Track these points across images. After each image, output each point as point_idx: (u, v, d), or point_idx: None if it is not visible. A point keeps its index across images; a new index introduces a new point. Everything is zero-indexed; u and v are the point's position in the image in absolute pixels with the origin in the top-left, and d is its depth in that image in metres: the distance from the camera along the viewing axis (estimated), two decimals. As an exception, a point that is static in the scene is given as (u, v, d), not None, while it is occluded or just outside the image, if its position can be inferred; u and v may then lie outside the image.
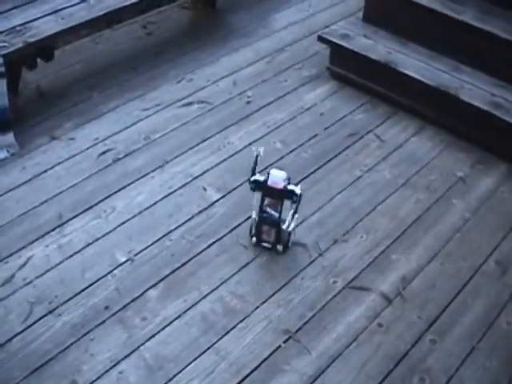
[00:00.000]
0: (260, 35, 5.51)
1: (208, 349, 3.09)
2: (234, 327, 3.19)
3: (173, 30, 5.55)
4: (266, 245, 3.64)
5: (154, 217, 3.75)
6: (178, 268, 3.46)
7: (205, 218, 3.76)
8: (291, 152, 4.25)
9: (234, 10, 5.87)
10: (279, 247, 3.62)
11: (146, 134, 4.33)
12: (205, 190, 3.94)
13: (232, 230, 3.70)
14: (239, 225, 3.73)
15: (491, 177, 4.21)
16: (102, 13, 4.59)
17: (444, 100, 4.42)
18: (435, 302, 3.41)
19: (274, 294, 3.36)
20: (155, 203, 3.83)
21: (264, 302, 3.32)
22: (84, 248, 3.54)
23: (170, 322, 3.20)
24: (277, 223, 3.52)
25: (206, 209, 3.82)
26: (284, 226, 3.51)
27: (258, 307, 3.29)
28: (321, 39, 4.98)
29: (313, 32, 5.37)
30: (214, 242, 3.62)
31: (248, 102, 4.69)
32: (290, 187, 3.45)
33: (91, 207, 3.79)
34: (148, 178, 4.00)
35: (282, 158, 4.20)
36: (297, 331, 3.20)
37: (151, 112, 4.53)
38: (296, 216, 3.51)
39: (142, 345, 3.09)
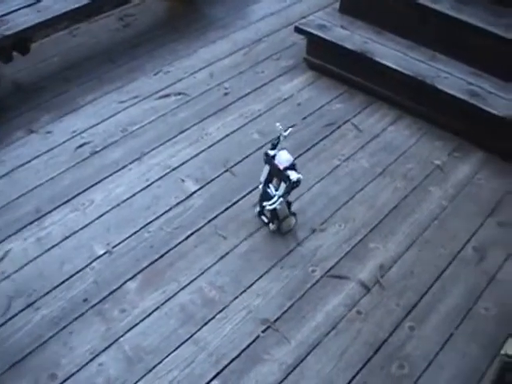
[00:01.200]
0: (237, 26, 5.51)
1: (187, 340, 3.10)
2: (213, 318, 3.21)
3: (150, 22, 5.53)
4: (263, 218, 3.73)
5: (132, 209, 3.75)
6: (157, 260, 3.47)
7: (183, 209, 3.76)
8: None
9: (212, 2, 5.86)
10: (271, 226, 3.69)
11: (124, 126, 4.32)
12: (183, 181, 3.94)
13: (210, 220, 3.70)
14: (217, 215, 3.73)
15: (468, 164, 4.24)
16: (78, 5, 4.57)
17: (421, 89, 4.44)
18: (413, 289, 3.43)
19: (252, 284, 3.37)
20: (133, 195, 3.83)
21: (243, 292, 3.33)
22: (62, 241, 3.54)
23: (149, 314, 3.20)
24: (272, 203, 3.56)
25: (184, 200, 3.82)
26: (267, 203, 3.56)
27: (236, 297, 3.30)
28: (298, 30, 4.98)
29: (290, 23, 5.38)
30: (192, 233, 3.62)
31: (225, 94, 4.69)
32: (288, 172, 3.46)
33: (69, 200, 3.78)
34: (126, 171, 3.99)
35: (260, 148, 4.19)
36: (276, 320, 3.21)
37: (129, 104, 4.52)
38: (281, 200, 3.51)
39: (121, 337, 3.10)
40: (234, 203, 3.82)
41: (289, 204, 3.67)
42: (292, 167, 3.50)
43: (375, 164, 4.16)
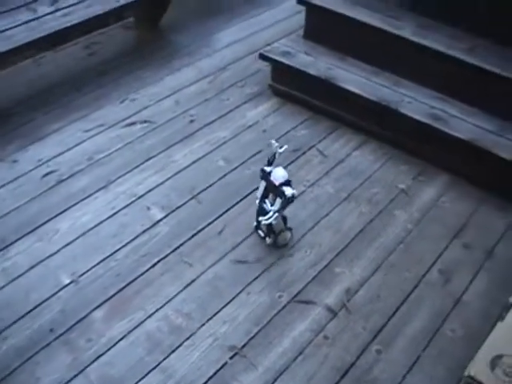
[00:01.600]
0: (203, 54, 5.54)
1: (154, 368, 3.09)
2: (180, 345, 3.20)
3: (116, 50, 5.55)
4: (260, 233, 3.82)
5: (98, 237, 3.74)
6: (123, 288, 3.46)
7: (149, 237, 3.76)
8: (234, 169, 4.27)
9: (177, 30, 5.89)
10: (268, 240, 3.77)
11: (90, 154, 4.31)
12: (149, 209, 3.94)
13: (176, 248, 3.70)
14: (183, 243, 3.73)
15: (433, 187, 4.28)
16: (44, 34, 4.58)
17: (385, 114, 4.48)
18: (380, 312, 3.45)
19: (219, 311, 3.37)
20: (99, 224, 3.82)
21: (210, 319, 3.32)
22: (28, 271, 3.51)
23: (116, 343, 3.19)
24: (268, 218, 3.65)
25: (150, 228, 3.82)
26: (263, 218, 3.65)
27: (203, 324, 3.30)
28: (262, 57, 5.02)
29: (255, 50, 5.41)
30: (158, 261, 3.61)
31: (191, 121, 4.70)
32: (283, 188, 3.55)
33: (35, 229, 3.76)
34: (92, 199, 3.98)
35: (226, 175, 4.22)
36: (243, 347, 3.21)
37: (95, 132, 4.52)
38: (276, 215, 3.60)
39: (87, 366, 3.07)
40: (200, 230, 3.82)
41: (284, 219, 3.75)
42: (287, 183, 3.58)
43: (340, 189, 4.19)
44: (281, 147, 3.62)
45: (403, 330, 3.37)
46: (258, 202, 3.75)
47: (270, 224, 3.67)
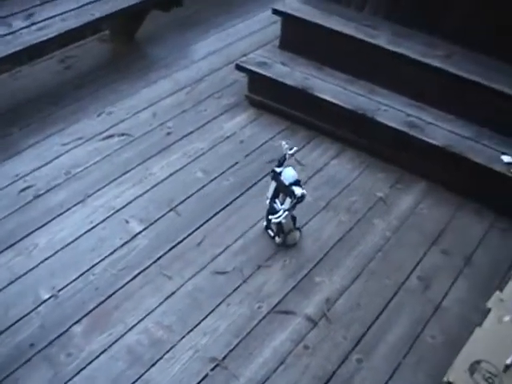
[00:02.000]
0: (179, 66, 5.54)
1: (136, 381, 3.08)
2: (160, 358, 3.19)
3: (92, 63, 5.53)
4: (269, 232, 3.90)
5: (76, 252, 3.72)
6: (103, 302, 3.44)
7: (128, 250, 3.74)
8: (212, 180, 4.27)
9: (154, 42, 5.89)
10: (277, 239, 3.85)
11: (67, 168, 4.29)
12: (127, 222, 3.93)
13: (155, 261, 3.69)
14: (162, 255, 3.72)
15: (410, 195, 4.31)
16: (20, 48, 4.56)
17: (362, 122, 4.50)
18: (360, 321, 3.46)
19: (199, 323, 3.37)
20: (78, 238, 3.80)
21: (190, 331, 3.32)
22: (7, 286, 3.48)
23: (96, 357, 3.17)
24: (278, 217, 3.74)
25: (128, 241, 3.80)
26: (273, 217, 3.75)
27: (184, 337, 3.29)
28: (239, 68, 5.03)
29: (231, 61, 5.42)
30: (138, 274, 3.60)
31: (168, 133, 4.69)
32: (293, 187, 3.63)
33: (13, 244, 3.73)
34: (70, 213, 3.96)
35: (204, 186, 4.22)
36: (224, 358, 3.21)
37: (72, 146, 4.50)
38: (286, 213, 3.69)
39: (68, 381, 3.06)
40: (179, 242, 3.81)
41: (294, 219, 3.83)
42: (297, 183, 3.66)
43: (319, 198, 4.20)
44: (291, 149, 3.68)
45: (384, 337, 3.38)
46: (268, 201, 3.85)
47: (280, 223, 3.74)
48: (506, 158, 4.13)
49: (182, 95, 5.15)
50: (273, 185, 3.81)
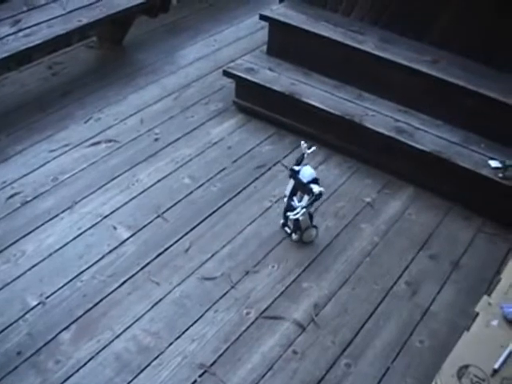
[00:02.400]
0: (166, 72, 5.54)
1: (123, 388, 3.08)
2: (148, 365, 3.18)
3: (79, 69, 5.52)
4: (287, 229, 4.00)
5: (64, 258, 3.71)
6: (91, 309, 3.43)
7: (116, 256, 3.74)
8: (200, 186, 4.27)
9: (141, 48, 5.88)
10: (294, 236, 3.94)
11: (54, 175, 4.28)
12: (115, 228, 3.92)
13: (143, 267, 3.68)
14: (150, 262, 3.72)
15: (398, 200, 4.31)
16: (6, 54, 4.54)
17: (349, 128, 4.51)
18: (348, 326, 3.46)
19: (187, 329, 3.36)
20: (65, 245, 3.79)
21: (178, 338, 3.31)
22: (-6, 294, 3.49)
23: (84, 364, 3.16)
24: (296, 214, 3.83)
25: (116, 248, 3.79)
26: (291, 213, 3.83)
27: (172, 343, 3.28)
28: (226, 74, 5.03)
29: (218, 67, 5.44)
30: (125, 281, 3.59)
31: (156, 139, 4.69)
32: (311, 185, 3.75)
33: (0, 252, 3.72)
34: (57, 220, 3.95)
35: (191, 193, 4.22)
36: (212, 365, 3.20)
37: (59, 153, 4.48)
38: (304, 211, 3.77)
39: (56, 388, 3.05)
40: (167, 249, 3.81)
41: (311, 216, 3.92)
42: (315, 181, 3.78)
43: (306, 204, 4.20)
44: (309, 148, 3.81)
45: (372, 342, 3.38)
46: (286, 199, 3.93)
47: (297, 220, 3.81)
48: (493, 163, 4.14)
49: (169, 101, 5.15)
50: (291, 183, 3.89)
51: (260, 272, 3.72)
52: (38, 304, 3.44)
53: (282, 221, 4.01)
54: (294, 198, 3.89)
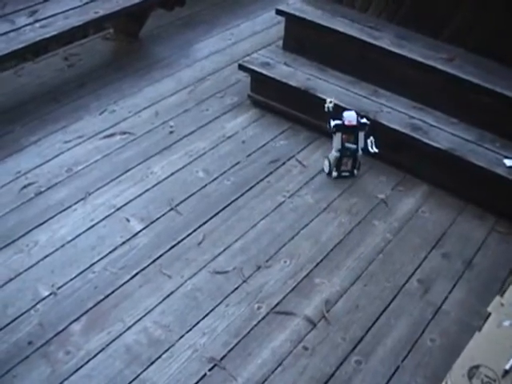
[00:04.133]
0: (182, 65, 5.53)
1: (133, 380, 3.07)
2: (158, 357, 3.18)
3: (95, 61, 5.53)
4: (344, 174, 4.42)
5: (76, 250, 3.72)
6: (102, 300, 3.43)
7: (128, 248, 3.74)
8: (214, 180, 4.27)
9: (157, 41, 5.88)
10: (355, 171, 4.43)
11: (69, 166, 4.29)
12: (128, 220, 3.92)
13: (155, 260, 3.68)
14: (162, 255, 3.72)
15: (412, 198, 4.30)
16: (23, 45, 4.56)
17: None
18: (359, 323, 3.45)
19: (198, 323, 3.36)
20: (78, 236, 3.80)
21: (188, 331, 3.31)
22: (6, 284, 3.48)
23: (94, 356, 3.16)
24: (355, 153, 4.35)
25: (129, 240, 3.80)
26: (360, 152, 4.34)
27: (182, 336, 3.28)
28: (241, 68, 5.03)
29: (234, 61, 5.43)
30: (137, 273, 3.60)
31: (170, 132, 4.69)
32: (362, 120, 4.29)
33: (13, 242, 3.73)
34: (70, 211, 3.96)
35: (205, 186, 4.22)
36: (222, 359, 3.20)
37: (73, 144, 4.49)
38: (371, 138, 4.26)
39: (65, 379, 3.04)
40: (179, 242, 3.81)
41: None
42: (360, 116, 4.32)
43: (320, 199, 4.20)
44: (330, 102, 4.28)
45: (383, 340, 3.37)
46: (335, 152, 4.36)
47: (356, 158, 4.39)
48: (508, 162, 4.12)
49: (184, 94, 5.14)
50: (338, 136, 4.32)
51: (272, 267, 3.71)
52: (50, 294, 3.45)
53: (334, 174, 4.39)
54: (347, 145, 4.32)
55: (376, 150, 4.24)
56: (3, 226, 3.83)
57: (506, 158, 4.16)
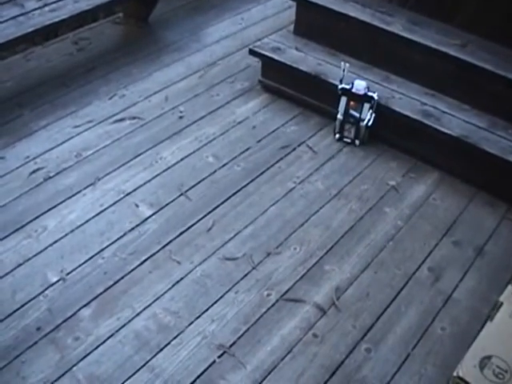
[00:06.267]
0: (192, 49, 5.50)
1: (142, 367, 3.07)
2: (168, 344, 3.18)
3: (105, 45, 5.51)
4: (346, 140, 4.56)
5: (85, 235, 3.71)
6: (111, 286, 3.43)
7: (137, 234, 3.73)
8: (224, 166, 4.25)
9: (167, 25, 5.85)
10: (357, 141, 4.53)
11: (78, 151, 4.28)
12: (137, 206, 3.91)
13: (165, 245, 3.67)
14: (172, 240, 3.71)
15: (423, 185, 4.27)
16: (32, 29, 4.54)
17: (375, 110, 4.46)
18: (369, 310, 3.43)
19: (207, 309, 3.35)
20: (87, 221, 3.79)
21: (198, 318, 3.31)
22: (15, 269, 3.48)
23: (103, 341, 3.16)
24: (357, 121, 4.47)
25: (138, 225, 3.79)
26: (363, 123, 4.44)
27: (192, 323, 3.28)
28: (252, 53, 4.99)
29: (245, 45, 5.39)
30: (146, 259, 3.59)
31: (180, 117, 4.67)
32: (369, 93, 4.41)
33: (22, 227, 3.72)
34: (80, 196, 3.95)
35: (215, 172, 4.20)
36: (231, 345, 3.19)
37: (83, 129, 4.48)
38: (373, 115, 4.42)
39: (74, 365, 3.05)
40: (189, 228, 3.80)
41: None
42: (368, 89, 4.44)
43: (330, 186, 4.18)
44: (345, 63, 4.46)
45: (393, 328, 3.36)
46: (340, 116, 4.51)
47: (359, 127, 4.47)
48: (520, 149, 4.10)
49: (194, 79, 5.12)
50: (343, 100, 4.47)
51: (282, 253, 3.70)
52: (59, 280, 3.44)
53: (337, 136, 4.55)
54: (351, 111, 4.45)
55: (368, 124, 4.45)
56: (12, 212, 3.83)
57: (519, 145, 4.14)
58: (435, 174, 4.36)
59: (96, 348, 3.13)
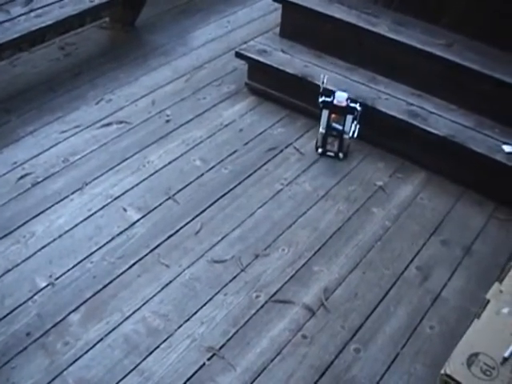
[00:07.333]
0: (178, 53, 5.51)
1: (132, 370, 3.07)
2: (157, 347, 3.17)
3: (91, 50, 5.51)
4: (329, 153, 4.45)
5: (74, 240, 3.71)
6: (100, 290, 3.43)
7: (125, 238, 3.73)
8: (211, 169, 4.25)
9: (153, 29, 5.85)
10: (341, 155, 4.43)
11: (65, 156, 4.27)
12: (125, 210, 3.91)
13: (153, 249, 3.67)
14: (160, 244, 3.71)
15: (410, 185, 4.28)
16: (18, 35, 4.54)
17: (362, 111, 4.47)
18: (358, 311, 3.44)
19: (196, 312, 3.35)
20: (75, 226, 3.79)
21: (187, 321, 3.31)
22: (3, 275, 3.47)
23: (93, 346, 3.16)
24: (340, 134, 4.37)
25: (126, 229, 3.79)
26: (347, 136, 4.36)
27: (181, 326, 3.28)
28: (238, 55, 4.99)
29: (231, 48, 5.40)
30: (135, 263, 3.59)
31: (167, 121, 4.67)
32: (352, 104, 4.29)
33: (10, 233, 3.72)
34: (68, 201, 3.95)
35: (202, 175, 4.21)
36: (221, 348, 3.19)
37: (70, 134, 4.47)
38: (357, 126, 4.34)
39: (64, 370, 3.04)
40: (177, 231, 3.80)
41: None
42: (352, 100, 4.34)
43: (318, 187, 4.18)
44: (323, 80, 4.39)
45: (382, 327, 3.37)
46: (322, 130, 4.39)
47: (343, 140, 4.39)
48: (507, 148, 4.10)
49: (181, 83, 5.12)
50: (324, 113, 4.35)
51: (270, 255, 3.70)
52: (48, 285, 3.44)
53: (320, 150, 4.45)
54: (334, 124, 4.35)
55: (353, 136, 4.38)
56: (0, 217, 3.82)
57: (505, 144, 4.15)
58: (422, 173, 4.37)
59: (86, 352, 3.13)
